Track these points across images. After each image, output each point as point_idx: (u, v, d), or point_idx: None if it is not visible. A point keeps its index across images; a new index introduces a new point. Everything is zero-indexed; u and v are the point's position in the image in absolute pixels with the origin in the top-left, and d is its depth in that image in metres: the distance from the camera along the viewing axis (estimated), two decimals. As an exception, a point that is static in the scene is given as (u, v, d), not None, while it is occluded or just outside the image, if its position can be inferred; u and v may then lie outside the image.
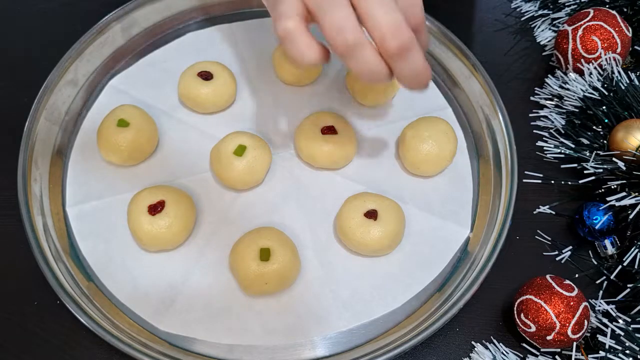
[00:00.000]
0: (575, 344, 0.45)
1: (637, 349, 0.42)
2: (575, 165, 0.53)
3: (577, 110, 0.56)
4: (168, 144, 0.55)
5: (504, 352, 0.46)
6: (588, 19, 0.56)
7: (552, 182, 0.54)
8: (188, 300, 0.48)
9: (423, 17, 0.40)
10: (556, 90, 0.58)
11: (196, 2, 0.63)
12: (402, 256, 0.50)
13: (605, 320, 0.45)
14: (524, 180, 0.54)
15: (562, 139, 0.55)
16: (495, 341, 0.47)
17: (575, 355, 0.44)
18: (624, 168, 0.49)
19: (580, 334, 0.44)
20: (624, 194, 0.48)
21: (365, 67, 0.37)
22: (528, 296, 0.45)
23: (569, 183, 0.54)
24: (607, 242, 0.50)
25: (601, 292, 0.49)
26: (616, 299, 0.47)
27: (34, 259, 0.47)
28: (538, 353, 0.46)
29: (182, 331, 0.47)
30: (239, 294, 0.48)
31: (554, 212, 0.53)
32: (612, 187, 0.50)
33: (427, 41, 0.41)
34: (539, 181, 0.54)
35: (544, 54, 0.63)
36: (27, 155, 0.52)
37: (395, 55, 0.37)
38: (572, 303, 0.44)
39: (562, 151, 0.54)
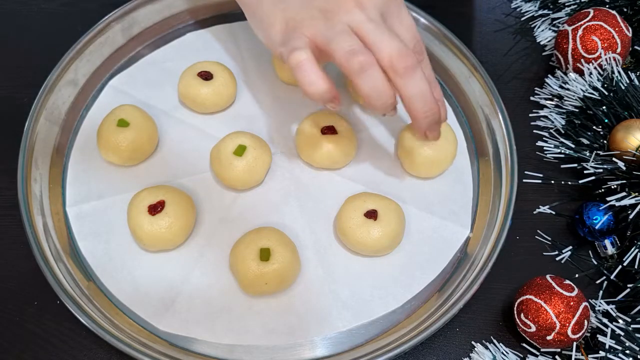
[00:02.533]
0: (575, 344, 0.45)
1: (637, 349, 0.42)
2: (575, 165, 0.53)
3: (577, 110, 0.56)
4: (168, 144, 0.55)
5: (504, 352, 0.46)
6: (588, 19, 0.56)
7: (552, 182, 0.54)
8: (188, 300, 0.48)
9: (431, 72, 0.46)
10: (556, 90, 0.58)
11: (196, 2, 0.63)
12: (402, 256, 0.50)
13: (605, 320, 0.45)
14: (524, 180, 0.54)
15: (562, 139, 0.55)
16: (495, 341, 0.47)
17: (575, 355, 0.44)
18: (624, 168, 0.49)
19: (580, 334, 0.44)
20: (624, 194, 0.48)
21: (374, 86, 0.41)
22: (528, 296, 0.45)
23: (569, 183, 0.54)
24: (607, 242, 0.50)
25: (601, 292, 0.49)
26: (616, 299, 0.47)
27: (34, 259, 0.47)
28: (538, 353, 0.46)
29: (182, 331, 0.47)
30: (239, 294, 0.48)
31: (554, 212, 0.53)
32: (612, 187, 0.50)
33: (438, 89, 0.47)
34: (539, 181, 0.54)
35: (544, 54, 0.63)
36: (27, 155, 0.52)
37: (402, 74, 0.41)
38: (572, 303, 0.44)
39: (562, 151, 0.54)
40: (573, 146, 0.54)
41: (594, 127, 0.54)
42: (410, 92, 0.42)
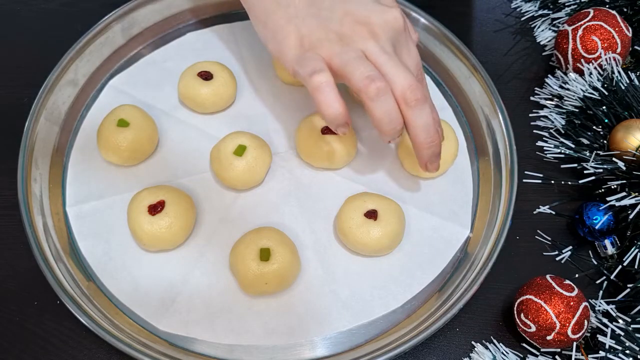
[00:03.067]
0: (575, 344, 0.45)
1: (637, 349, 0.42)
2: (575, 165, 0.53)
3: (577, 110, 0.56)
4: (168, 144, 0.55)
5: (504, 352, 0.46)
6: (588, 19, 0.56)
7: (552, 182, 0.54)
8: (188, 300, 0.48)
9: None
10: (556, 90, 0.58)
11: (196, 2, 0.63)
12: (402, 256, 0.50)
13: (605, 320, 0.45)
14: (524, 180, 0.54)
15: (562, 139, 0.55)
16: (495, 341, 0.47)
17: (575, 355, 0.44)
18: (624, 168, 0.49)
19: (580, 334, 0.44)
20: (624, 194, 0.48)
21: (387, 111, 0.44)
22: (528, 296, 0.45)
23: (569, 183, 0.54)
24: (607, 242, 0.50)
25: (601, 292, 0.49)
26: (616, 299, 0.47)
27: (34, 259, 0.47)
28: (538, 353, 0.46)
29: (182, 331, 0.47)
30: (239, 294, 0.48)
31: (554, 212, 0.53)
32: (612, 187, 0.50)
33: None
34: (539, 181, 0.54)
35: (544, 54, 0.63)
36: (27, 155, 0.52)
37: (412, 105, 0.44)
38: (572, 303, 0.44)
39: (562, 151, 0.54)
40: (573, 146, 0.54)
41: (594, 127, 0.54)
42: (417, 123, 0.45)
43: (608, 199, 0.49)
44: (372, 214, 0.48)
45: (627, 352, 0.42)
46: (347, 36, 0.44)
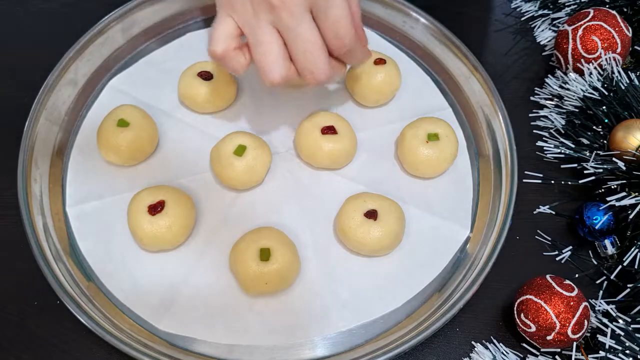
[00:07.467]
0: (575, 344, 0.45)
1: (637, 349, 0.42)
2: (575, 165, 0.53)
3: (577, 110, 0.56)
4: (168, 144, 0.55)
5: (504, 352, 0.46)
6: (588, 19, 0.56)
7: (552, 182, 0.54)
8: (188, 300, 0.48)
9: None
10: (556, 90, 0.58)
11: (196, 2, 0.63)
12: (402, 256, 0.50)
13: (605, 320, 0.45)
14: (524, 180, 0.54)
15: (562, 139, 0.55)
16: (495, 341, 0.47)
17: (575, 355, 0.44)
18: (624, 168, 0.49)
19: (580, 334, 0.44)
20: (624, 194, 0.48)
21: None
22: (528, 296, 0.45)
23: (569, 183, 0.54)
24: (607, 242, 0.50)
25: (601, 292, 0.49)
26: (616, 299, 0.47)
27: (34, 259, 0.47)
28: (538, 353, 0.46)
29: (182, 331, 0.47)
30: (239, 294, 0.48)
31: (554, 212, 0.53)
32: (612, 187, 0.50)
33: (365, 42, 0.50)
34: (539, 181, 0.54)
35: (544, 54, 0.63)
36: (27, 155, 0.52)
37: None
38: (572, 303, 0.44)
39: (562, 151, 0.54)
40: (573, 146, 0.54)
41: (594, 127, 0.54)
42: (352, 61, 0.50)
43: (608, 199, 0.49)
44: (372, 214, 0.48)
45: (627, 352, 0.42)
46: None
